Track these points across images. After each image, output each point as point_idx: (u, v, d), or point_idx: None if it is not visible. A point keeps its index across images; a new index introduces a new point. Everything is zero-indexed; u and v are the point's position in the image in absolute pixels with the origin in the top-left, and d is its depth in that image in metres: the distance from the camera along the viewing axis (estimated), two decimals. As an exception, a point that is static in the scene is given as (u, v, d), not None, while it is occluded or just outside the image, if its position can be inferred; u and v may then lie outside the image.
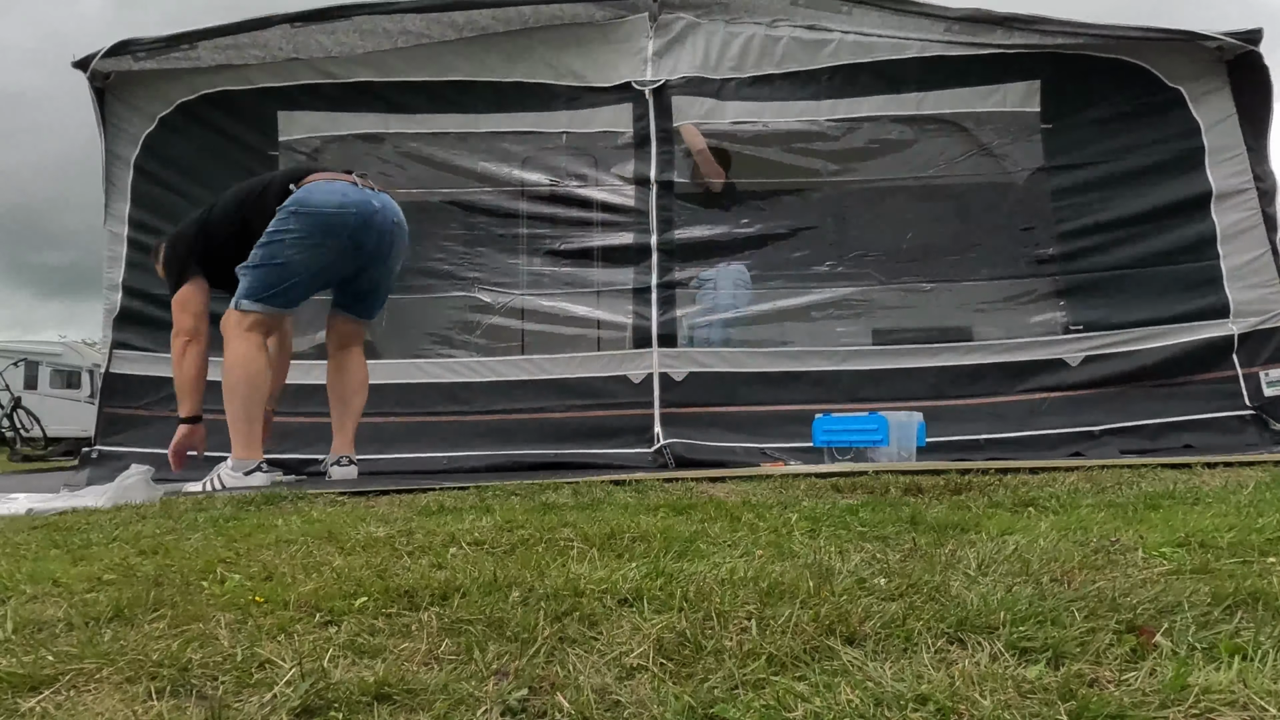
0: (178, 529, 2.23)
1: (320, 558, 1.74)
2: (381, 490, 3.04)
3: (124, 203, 4.68)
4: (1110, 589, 1.31)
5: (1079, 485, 2.64)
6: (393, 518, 2.31)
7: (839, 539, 1.83)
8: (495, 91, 4.74)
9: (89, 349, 18.20)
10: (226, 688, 1.04)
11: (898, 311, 4.70)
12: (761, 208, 4.75)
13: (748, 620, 1.21)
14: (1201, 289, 4.37)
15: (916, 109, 4.64)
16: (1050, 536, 1.74)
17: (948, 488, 2.64)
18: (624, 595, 1.36)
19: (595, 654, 1.12)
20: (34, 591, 1.53)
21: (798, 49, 4.64)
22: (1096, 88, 4.53)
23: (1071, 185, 4.53)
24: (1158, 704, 0.91)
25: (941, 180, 4.78)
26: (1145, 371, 4.33)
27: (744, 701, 0.95)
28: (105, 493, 2.99)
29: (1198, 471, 2.91)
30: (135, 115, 4.72)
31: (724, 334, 4.66)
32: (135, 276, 4.66)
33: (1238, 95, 4.44)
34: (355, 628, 1.25)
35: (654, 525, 1.98)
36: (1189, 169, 4.45)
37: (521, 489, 2.86)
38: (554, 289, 4.82)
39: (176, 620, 1.30)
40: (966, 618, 1.18)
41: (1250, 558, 1.53)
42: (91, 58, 4.56)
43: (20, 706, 1.00)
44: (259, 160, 4.72)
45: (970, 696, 0.93)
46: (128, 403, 4.58)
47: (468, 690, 1.00)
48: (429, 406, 4.52)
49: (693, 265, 4.62)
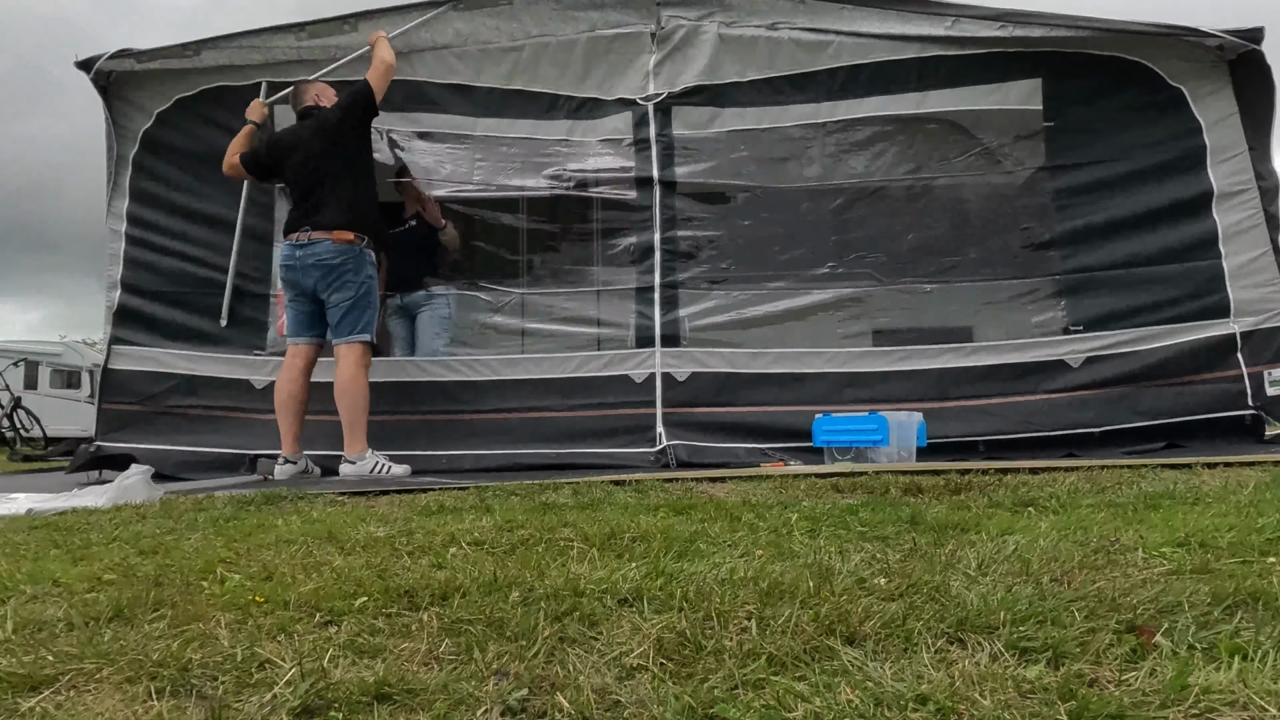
0: (178, 529, 2.23)
1: (320, 558, 1.74)
2: (382, 490, 3.04)
3: (123, 200, 4.69)
4: (1110, 589, 1.31)
5: (1079, 485, 2.64)
6: (393, 518, 2.31)
7: (839, 539, 1.83)
8: (496, 96, 4.74)
9: (89, 349, 18.20)
10: (226, 688, 1.04)
11: (898, 312, 4.69)
12: (763, 208, 4.74)
13: (748, 620, 1.21)
14: (1203, 288, 4.35)
15: (917, 109, 4.63)
16: (1050, 536, 1.74)
17: (948, 488, 2.64)
18: (624, 595, 1.36)
19: (595, 654, 1.12)
20: (34, 591, 1.53)
21: (798, 51, 4.63)
22: (1098, 86, 4.51)
23: (1073, 184, 4.52)
24: (1158, 704, 0.91)
25: (942, 180, 4.77)
26: (1147, 371, 4.32)
27: (744, 701, 0.95)
28: (105, 493, 2.99)
29: (1198, 471, 2.90)
30: (135, 112, 4.72)
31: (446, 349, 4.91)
32: (134, 273, 4.66)
33: (1239, 94, 4.42)
34: (355, 628, 1.25)
35: (654, 525, 1.98)
36: (1190, 168, 4.43)
37: (521, 489, 2.86)
38: (555, 288, 4.82)
39: (176, 620, 1.30)
40: (966, 618, 1.18)
41: (1250, 558, 1.53)
42: (95, 59, 4.56)
43: (20, 706, 1.00)
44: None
45: (970, 696, 0.93)
46: (127, 399, 4.58)
47: (468, 690, 1.00)
48: (430, 406, 4.52)
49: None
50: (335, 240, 4.08)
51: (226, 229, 4.69)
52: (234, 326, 4.65)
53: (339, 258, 4.08)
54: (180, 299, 4.66)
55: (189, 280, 4.68)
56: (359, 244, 4.11)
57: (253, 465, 4.34)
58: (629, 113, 4.64)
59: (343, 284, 4.09)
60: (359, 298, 4.12)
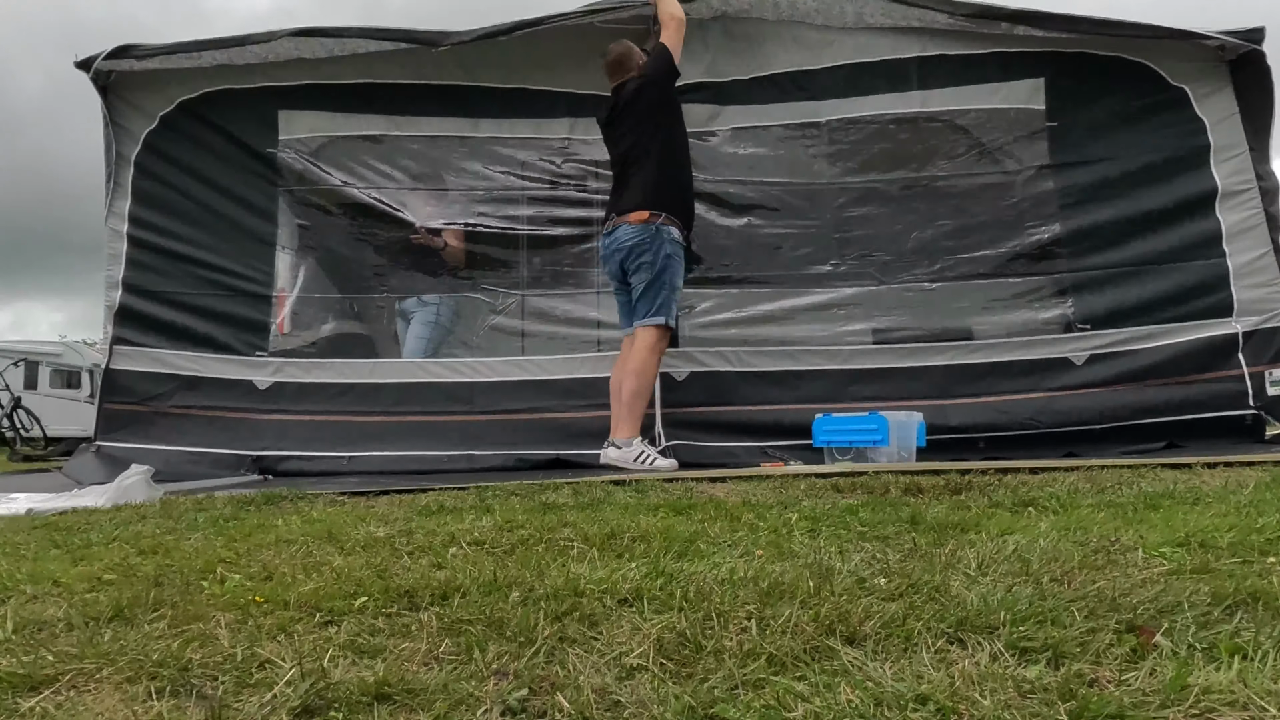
0: (178, 529, 2.23)
1: (320, 558, 1.74)
2: (381, 490, 3.04)
3: (125, 200, 4.69)
4: (1110, 589, 1.31)
5: (1079, 485, 2.64)
6: (393, 518, 2.31)
7: (839, 539, 1.83)
8: (496, 97, 4.74)
9: (89, 349, 18.20)
10: (226, 688, 1.04)
11: (899, 311, 4.69)
12: (763, 208, 4.74)
13: (748, 620, 1.21)
14: (1207, 288, 4.36)
15: (919, 108, 4.63)
16: (1050, 536, 1.74)
17: (948, 488, 2.64)
18: (624, 595, 1.36)
19: (595, 654, 1.12)
20: (34, 591, 1.54)
21: (800, 49, 4.64)
22: (1100, 86, 4.51)
23: (1075, 183, 4.52)
24: (1158, 704, 0.91)
25: (944, 179, 4.77)
26: (1150, 370, 4.32)
27: (744, 701, 0.95)
28: (105, 493, 2.99)
29: (1198, 471, 2.90)
30: (137, 114, 4.72)
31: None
32: (136, 273, 4.66)
33: (1240, 95, 4.43)
34: (355, 628, 1.25)
35: (654, 525, 1.98)
36: (1194, 167, 4.43)
37: (521, 489, 2.86)
38: (555, 289, 4.82)
39: (176, 620, 1.30)
40: (966, 618, 1.18)
41: (1250, 558, 1.53)
42: (94, 59, 4.56)
43: (20, 706, 1.00)
44: (259, 159, 4.73)
45: (970, 696, 0.93)
46: (128, 399, 4.58)
47: (468, 690, 1.00)
48: (430, 406, 4.52)
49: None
50: (632, 222, 4.04)
51: (229, 229, 4.69)
52: (235, 327, 4.65)
53: (635, 238, 4.03)
54: (182, 299, 4.66)
55: (191, 280, 4.68)
56: (655, 221, 4.04)
57: (255, 465, 4.34)
58: None
59: (639, 265, 4.04)
60: (655, 278, 4.03)
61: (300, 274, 4.93)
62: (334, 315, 5.04)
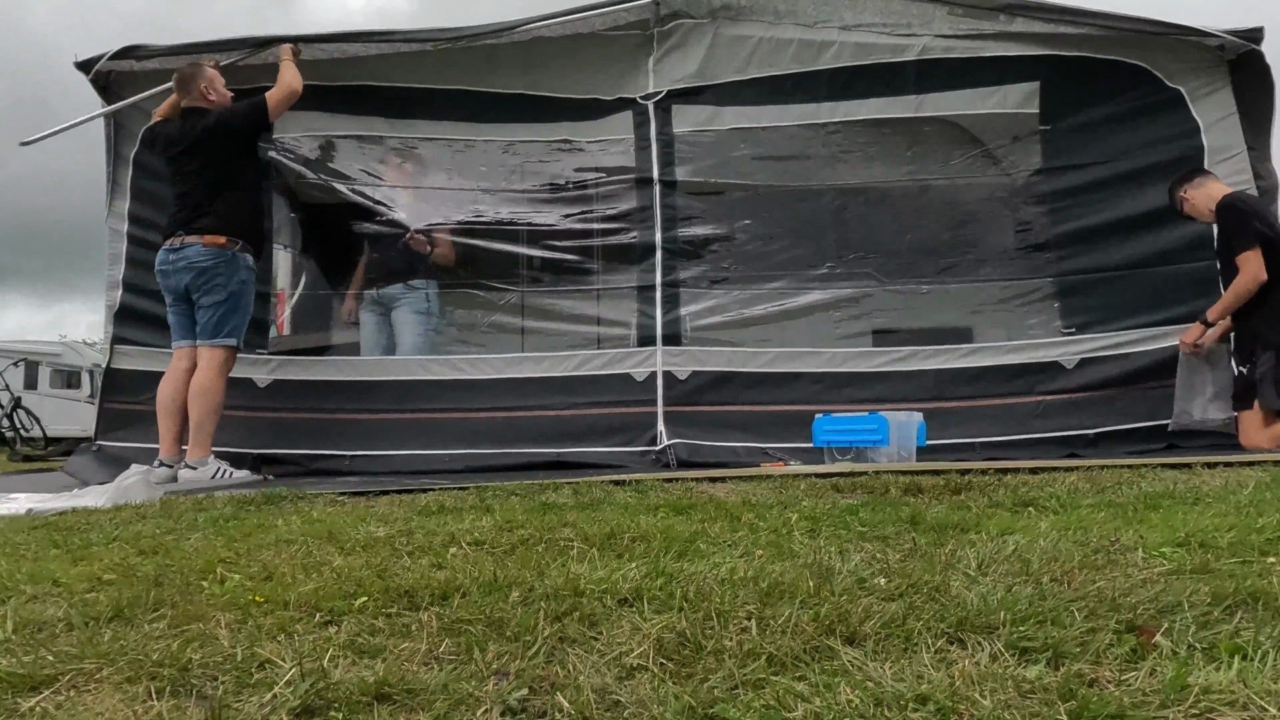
0: (178, 529, 2.23)
1: (320, 558, 1.74)
2: (381, 490, 3.04)
3: (124, 200, 4.69)
4: (1110, 589, 1.31)
5: (1079, 485, 2.64)
6: (393, 518, 2.31)
7: (839, 539, 1.83)
8: (497, 100, 4.74)
9: (89, 349, 18.21)
10: (226, 688, 1.04)
11: (897, 312, 4.69)
12: (763, 208, 4.74)
13: (748, 620, 1.21)
14: (1198, 290, 4.35)
15: (916, 111, 4.63)
16: (1050, 536, 1.74)
17: (948, 488, 2.64)
18: (624, 595, 1.36)
19: (595, 654, 1.12)
20: (34, 591, 1.53)
21: (798, 51, 4.63)
22: (1095, 89, 4.51)
23: (1070, 186, 4.52)
24: (1158, 704, 0.91)
25: (940, 182, 4.77)
26: (1141, 373, 4.32)
27: (744, 701, 0.95)
28: (105, 493, 2.99)
29: (1198, 471, 2.90)
30: (135, 112, 4.71)
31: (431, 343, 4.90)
32: (136, 273, 4.66)
33: (1239, 94, 4.42)
34: (355, 628, 1.25)
35: (654, 525, 1.98)
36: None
37: (521, 489, 2.86)
38: (555, 287, 4.82)
39: (176, 620, 1.30)
40: (966, 618, 1.18)
41: (1250, 558, 1.53)
42: (95, 60, 4.56)
43: (20, 706, 1.00)
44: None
45: (970, 696, 0.93)
46: (128, 398, 4.58)
47: (468, 690, 1.00)
48: (431, 404, 4.52)
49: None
50: (206, 244, 4.08)
51: None
52: None
53: (210, 260, 4.08)
54: None
55: None
56: (231, 248, 4.11)
57: (255, 465, 4.33)
58: (629, 112, 4.64)
59: (213, 286, 4.10)
60: (229, 301, 4.11)
61: (302, 275, 4.93)
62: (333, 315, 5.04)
